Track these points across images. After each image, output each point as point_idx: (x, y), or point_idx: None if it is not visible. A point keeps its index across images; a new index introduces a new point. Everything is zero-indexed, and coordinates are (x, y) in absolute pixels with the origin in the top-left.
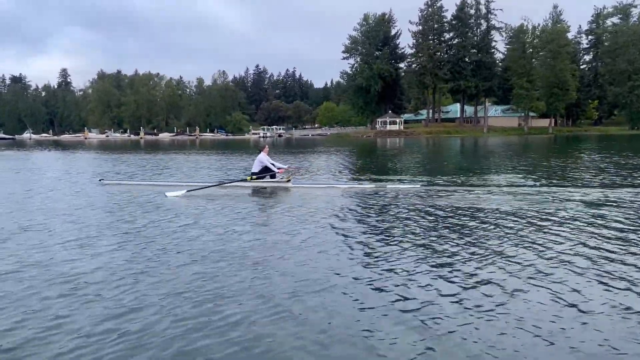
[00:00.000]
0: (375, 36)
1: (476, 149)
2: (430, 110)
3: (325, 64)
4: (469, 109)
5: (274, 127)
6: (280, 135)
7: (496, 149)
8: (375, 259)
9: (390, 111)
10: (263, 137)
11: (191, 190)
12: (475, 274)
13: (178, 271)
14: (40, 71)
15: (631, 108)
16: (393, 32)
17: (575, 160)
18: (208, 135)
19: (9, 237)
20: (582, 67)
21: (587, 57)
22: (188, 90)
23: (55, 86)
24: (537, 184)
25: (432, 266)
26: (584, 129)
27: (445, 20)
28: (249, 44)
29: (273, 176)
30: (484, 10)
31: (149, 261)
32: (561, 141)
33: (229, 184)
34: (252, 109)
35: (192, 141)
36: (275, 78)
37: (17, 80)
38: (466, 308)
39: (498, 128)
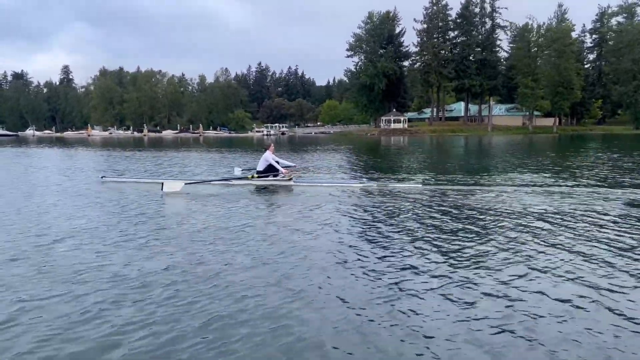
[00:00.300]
0: (380, 34)
1: (486, 147)
2: (434, 109)
3: (327, 62)
4: (473, 108)
5: (276, 124)
6: (283, 133)
7: (507, 147)
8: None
9: (394, 109)
10: (267, 134)
11: (189, 184)
12: (563, 274)
13: (249, 274)
14: (41, 68)
15: (636, 107)
16: (397, 30)
17: (596, 160)
18: (211, 133)
19: (62, 238)
20: (586, 66)
21: (590, 56)
22: (190, 87)
23: (57, 83)
24: (570, 183)
25: (518, 268)
26: (589, 128)
27: (450, 18)
28: (249, 42)
29: (276, 175)
30: (488, 9)
31: (217, 263)
32: (568, 140)
33: (226, 181)
34: (254, 107)
35: (196, 139)
36: (277, 76)
37: (19, 76)
38: (566, 310)
39: (502, 127)
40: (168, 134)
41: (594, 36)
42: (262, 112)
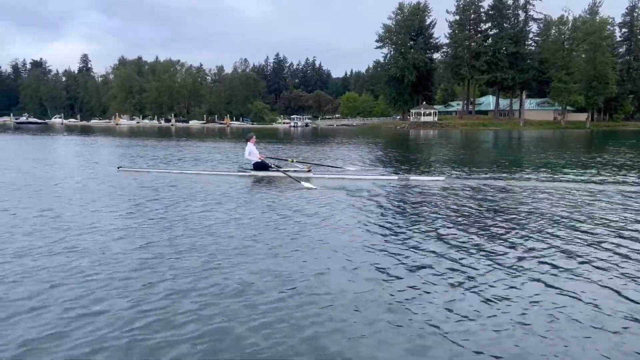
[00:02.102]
0: (410, 25)
1: (524, 142)
2: (465, 103)
3: (343, 54)
4: (502, 102)
5: (299, 116)
6: (307, 125)
7: (547, 143)
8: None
9: (424, 102)
10: (294, 126)
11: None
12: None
13: (266, 272)
14: (58, 56)
15: None
16: (428, 21)
17: None
18: (234, 124)
19: (114, 233)
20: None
21: (620, 50)
22: (208, 78)
23: (76, 71)
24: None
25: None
26: (622, 124)
27: (482, 10)
28: (264, 33)
29: (265, 167)
30: (522, 1)
31: (231, 255)
32: (601, 136)
33: (244, 173)
34: (271, 98)
35: (224, 129)
36: (294, 67)
37: (38, 64)
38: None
39: (534, 122)
40: (194, 124)
41: (623, 30)
42: (280, 104)
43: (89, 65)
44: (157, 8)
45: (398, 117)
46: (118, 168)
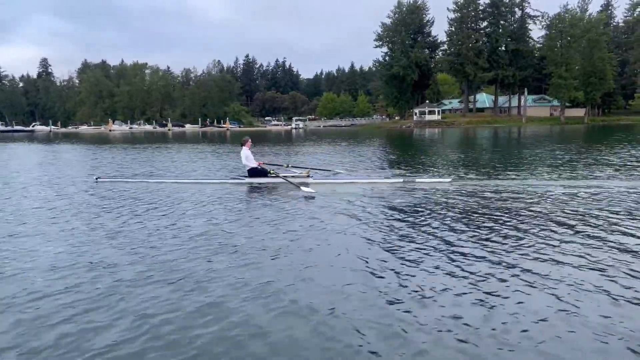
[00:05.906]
0: (410, 24)
1: (537, 139)
2: (465, 100)
3: (311, 55)
4: (498, 99)
5: (295, 117)
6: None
7: (562, 139)
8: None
9: (427, 101)
10: (295, 128)
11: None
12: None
13: (265, 276)
14: (10, 61)
15: None
16: (425, 19)
17: None
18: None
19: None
20: None
21: None
22: (177, 80)
23: (35, 76)
24: None
25: None
26: (616, 119)
27: (480, 8)
28: (228, 34)
29: (262, 173)
30: None
31: (231, 262)
32: (604, 130)
33: (240, 180)
34: (242, 100)
35: (223, 133)
36: (264, 68)
37: None
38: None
39: (534, 118)
40: (190, 128)
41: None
42: (254, 106)
43: (49, 70)
44: (114, 10)
45: (377, 117)
46: (96, 179)
